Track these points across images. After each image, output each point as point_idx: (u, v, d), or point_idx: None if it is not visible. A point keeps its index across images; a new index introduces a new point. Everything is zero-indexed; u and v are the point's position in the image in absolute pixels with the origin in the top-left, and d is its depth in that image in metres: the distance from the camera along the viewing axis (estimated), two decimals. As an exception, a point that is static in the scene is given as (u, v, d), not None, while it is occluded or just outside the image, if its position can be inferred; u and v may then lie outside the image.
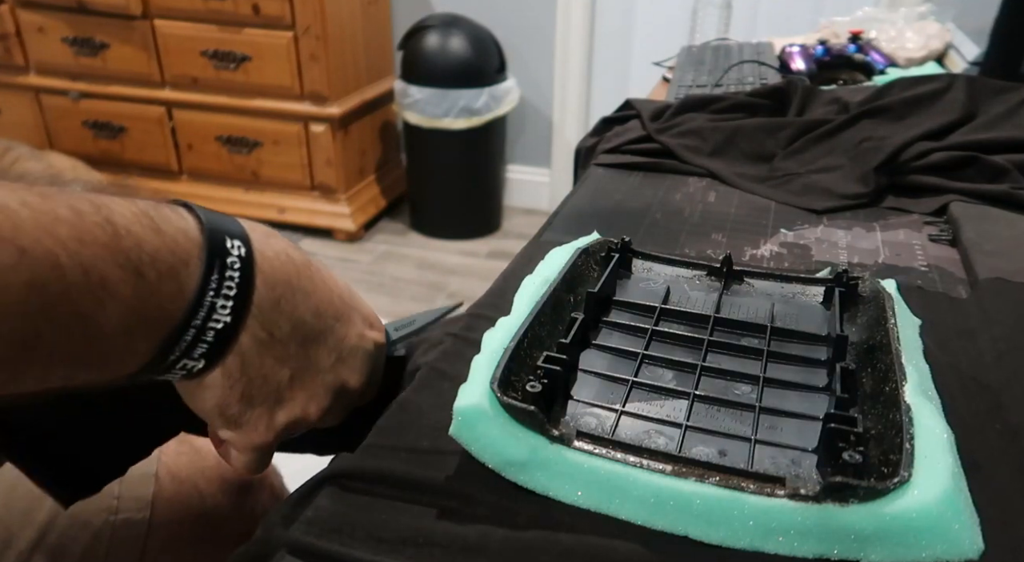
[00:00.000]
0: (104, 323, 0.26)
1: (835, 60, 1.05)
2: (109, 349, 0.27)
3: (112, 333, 0.27)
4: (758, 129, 0.74)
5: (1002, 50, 0.90)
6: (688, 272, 0.47)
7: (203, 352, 0.30)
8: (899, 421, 0.30)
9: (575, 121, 2.39)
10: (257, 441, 0.35)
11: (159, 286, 0.28)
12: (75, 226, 0.25)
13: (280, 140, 2.19)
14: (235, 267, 0.30)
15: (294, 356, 0.34)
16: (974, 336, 0.43)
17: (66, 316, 0.25)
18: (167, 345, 0.29)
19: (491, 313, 0.43)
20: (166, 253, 0.28)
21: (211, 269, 0.29)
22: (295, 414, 0.36)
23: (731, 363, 0.39)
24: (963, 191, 0.62)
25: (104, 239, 0.26)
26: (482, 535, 0.30)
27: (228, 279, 0.30)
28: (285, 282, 0.33)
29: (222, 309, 0.30)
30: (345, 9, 2.10)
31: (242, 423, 0.34)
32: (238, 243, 0.31)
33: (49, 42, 2.22)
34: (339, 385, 0.38)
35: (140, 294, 0.27)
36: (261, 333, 0.32)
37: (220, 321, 0.30)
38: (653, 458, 0.30)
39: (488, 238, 2.38)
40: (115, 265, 0.26)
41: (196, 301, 0.29)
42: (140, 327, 0.28)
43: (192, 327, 0.29)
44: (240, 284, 0.30)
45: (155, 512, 0.56)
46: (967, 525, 0.27)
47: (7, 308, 0.23)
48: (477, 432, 0.32)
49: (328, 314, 0.36)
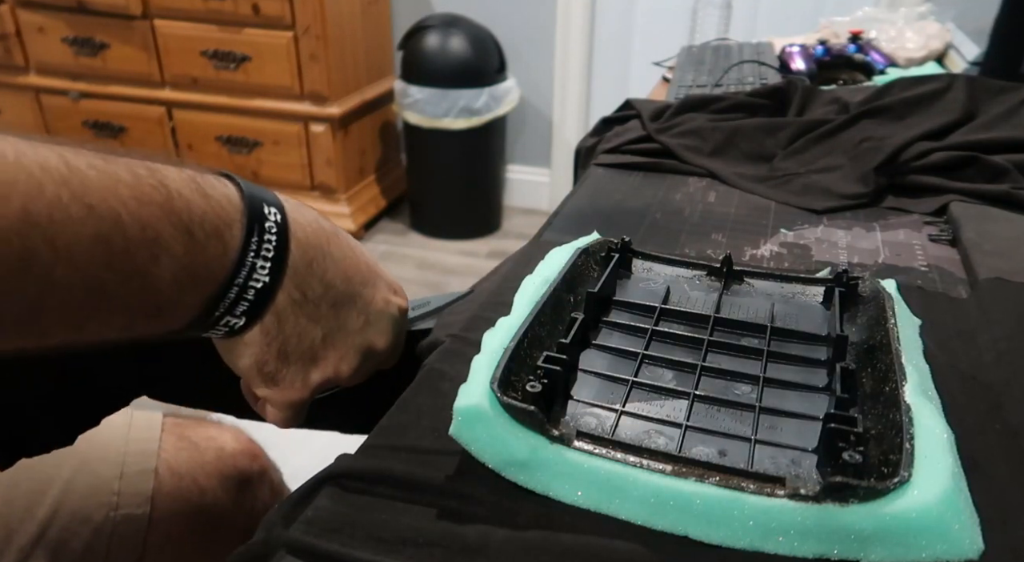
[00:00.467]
0: (158, 277, 0.28)
1: (835, 60, 1.05)
2: (163, 302, 0.30)
3: (165, 287, 0.29)
4: (758, 129, 0.74)
5: (1002, 50, 0.90)
6: (688, 272, 0.47)
7: (244, 310, 0.33)
8: (899, 421, 0.30)
9: (575, 121, 2.39)
10: (293, 398, 0.38)
11: (206, 245, 0.30)
12: (134, 187, 0.28)
13: (280, 140, 2.19)
14: (272, 231, 0.33)
15: (325, 317, 0.37)
16: (974, 336, 0.43)
17: (126, 268, 0.27)
18: (213, 301, 0.32)
19: (491, 313, 0.43)
20: (212, 216, 0.31)
21: (251, 232, 0.32)
22: (328, 373, 0.38)
23: (731, 363, 0.39)
24: (963, 191, 0.62)
25: (159, 200, 0.28)
26: (482, 535, 0.30)
27: (266, 242, 0.33)
28: (316, 247, 0.36)
29: (261, 269, 0.33)
30: (345, 9, 2.10)
31: (279, 380, 0.37)
32: (274, 210, 0.34)
33: (49, 42, 2.22)
34: (367, 346, 0.40)
35: (190, 251, 0.29)
36: (296, 293, 0.35)
37: (260, 280, 0.33)
38: (653, 458, 0.30)
39: (488, 238, 2.38)
40: (169, 224, 0.28)
41: (239, 261, 0.32)
42: (190, 282, 0.30)
43: (235, 285, 0.32)
44: (277, 246, 0.33)
45: (155, 507, 0.56)
46: (967, 525, 0.27)
47: (77, 258, 0.25)
48: (477, 432, 0.32)
49: (356, 279, 0.38)
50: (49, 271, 0.25)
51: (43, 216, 0.25)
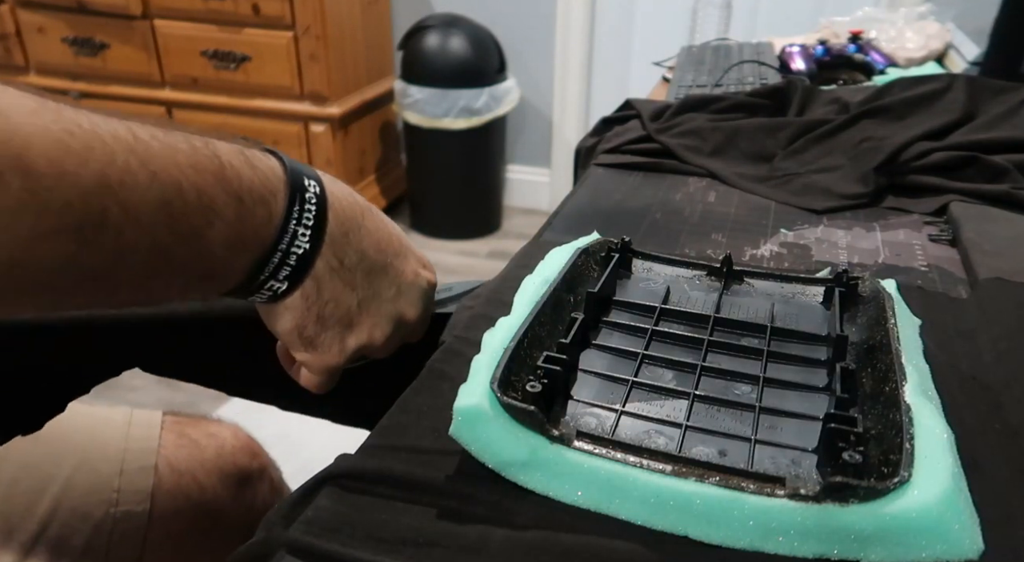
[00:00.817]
0: (212, 240, 0.31)
1: (835, 60, 1.05)
2: (216, 265, 0.32)
3: (219, 249, 0.31)
4: (758, 129, 0.74)
5: (1002, 50, 0.90)
6: (688, 272, 0.47)
7: (286, 275, 0.35)
8: (899, 421, 0.30)
9: (575, 121, 2.39)
10: (330, 362, 0.40)
11: (254, 211, 0.32)
12: (191, 156, 0.30)
13: (280, 140, 2.19)
14: (312, 201, 0.35)
15: (360, 285, 0.39)
16: (974, 336, 0.43)
17: (185, 231, 0.30)
18: (258, 266, 0.34)
19: (491, 313, 0.43)
20: (259, 185, 0.33)
21: (293, 201, 0.34)
22: (363, 339, 0.40)
23: (731, 363, 0.39)
24: (963, 191, 0.62)
25: (213, 169, 0.31)
26: (482, 535, 0.30)
27: (307, 211, 0.35)
28: (351, 218, 0.38)
29: (302, 236, 0.35)
30: (345, 9, 2.10)
31: (317, 344, 0.39)
32: (313, 182, 0.36)
33: (49, 42, 2.22)
34: (398, 315, 0.42)
35: (240, 217, 0.32)
36: (333, 261, 0.37)
37: (300, 247, 0.35)
38: (653, 458, 0.30)
39: (488, 238, 2.38)
40: (221, 191, 0.31)
41: (282, 227, 0.34)
42: (239, 246, 0.33)
43: (279, 250, 0.34)
44: (316, 215, 0.35)
45: (155, 504, 0.57)
46: (967, 525, 0.27)
47: (144, 220, 0.28)
48: (477, 432, 0.32)
49: (388, 251, 0.41)
50: (121, 231, 0.27)
51: (115, 181, 0.27)
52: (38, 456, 0.55)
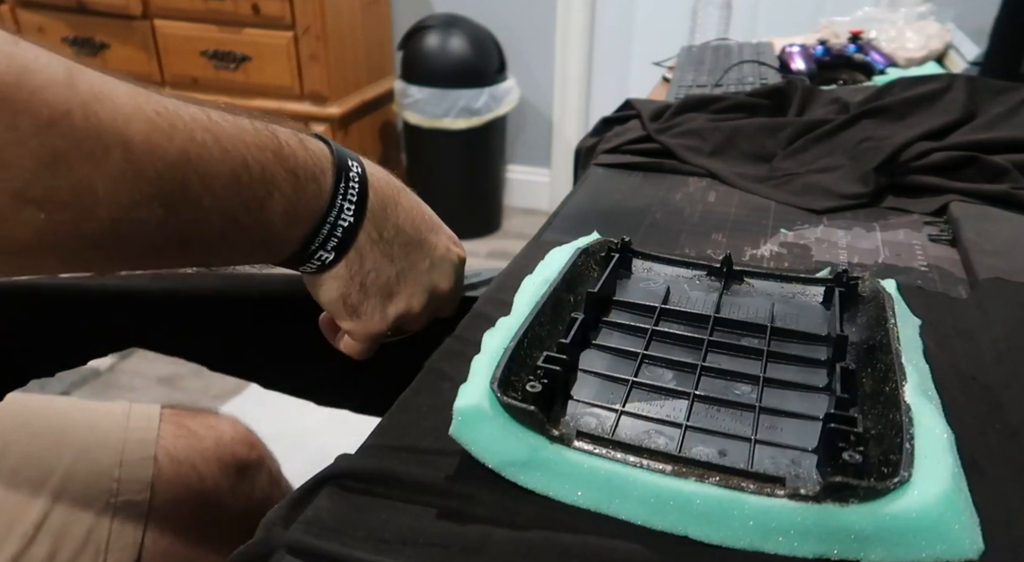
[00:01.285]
0: (273, 210, 0.35)
1: (835, 60, 1.05)
2: (274, 234, 0.36)
3: (278, 219, 0.35)
4: (758, 129, 0.74)
5: (1002, 50, 0.90)
6: (688, 272, 0.47)
7: (334, 245, 0.39)
8: (899, 421, 0.30)
9: (575, 121, 2.39)
10: (373, 329, 0.43)
11: (307, 186, 0.36)
12: (255, 136, 0.34)
13: (280, 140, 2.19)
14: (355, 180, 0.39)
15: (398, 256, 0.42)
16: (974, 336, 0.43)
17: (251, 202, 0.33)
18: (310, 237, 0.38)
19: (491, 313, 0.43)
20: (311, 163, 0.37)
21: (339, 178, 0.38)
22: (401, 307, 0.43)
23: (731, 363, 0.39)
24: (963, 191, 0.62)
25: (273, 147, 0.34)
26: (482, 535, 0.30)
27: (352, 188, 0.39)
28: (389, 196, 0.42)
29: (348, 210, 0.39)
30: (345, 9, 2.10)
31: (360, 312, 0.42)
32: (356, 163, 0.40)
33: (49, 42, 2.20)
34: (433, 286, 0.45)
35: (296, 190, 0.36)
36: (374, 233, 0.40)
37: (346, 220, 0.39)
38: (653, 458, 0.30)
39: (488, 238, 2.37)
40: (281, 167, 0.35)
41: (330, 202, 0.38)
42: (294, 217, 0.36)
43: (327, 222, 0.38)
44: (359, 192, 0.39)
45: (155, 494, 0.57)
46: (967, 525, 0.27)
47: (218, 191, 0.32)
48: (477, 432, 0.32)
49: (422, 227, 0.44)
50: (199, 200, 0.31)
51: (195, 155, 0.30)
52: (38, 448, 0.55)
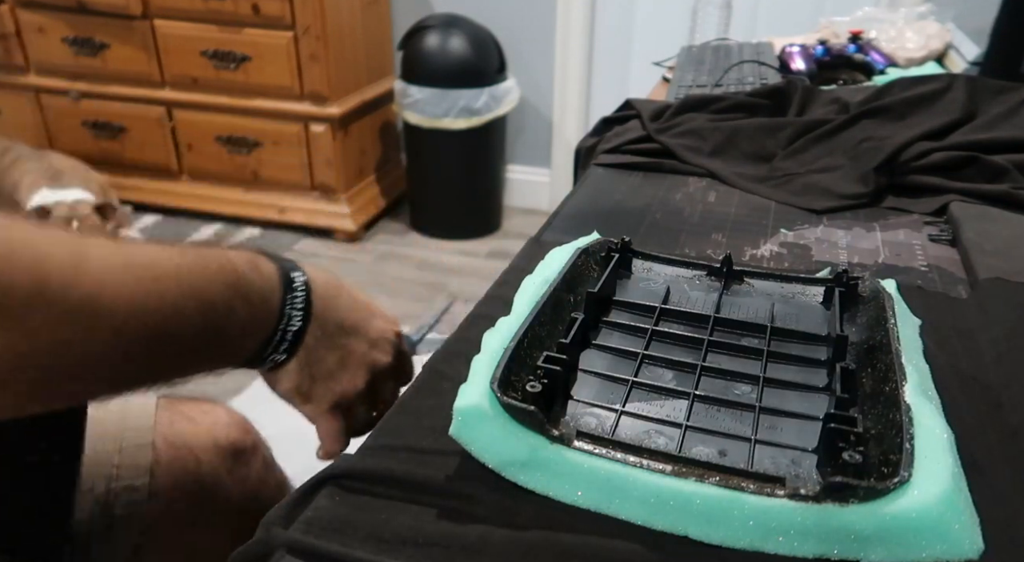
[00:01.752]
0: (231, 331, 0.42)
1: (835, 60, 1.05)
2: (233, 348, 0.44)
3: (236, 336, 0.43)
4: (758, 129, 0.74)
5: (1002, 50, 0.90)
6: (688, 272, 0.47)
7: (285, 348, 0.46)
8: (899, 421, 0.30)
9: (575, 121, 2.39)
10: (323, 408, 0.50)
11: (260, 307, 0.44)
12: (218, 272, 0.41)
13: (280, 140, 2.19)
14: (300, 290, 0.46)
15: (338, 346, 0.49)
16: (974, 336, 0.43)
17: (215, 327, 0.41)
18: (265, 344, 0.45)
19: (491, 313, 0.43)
20: (263, 286, 0.44)
21: (287, 292, 0.45)
22: (347, 386, 0.50)
23: (731, 363, 0.39)
24: (963, 191, 0.62)
25: (232, 281, 0.41)
26: (482, 535, 0.30)
27: (298, 298, 0.46)
28: (330, 296, 0.48)
29: (295, 317, 0.46)
30: (345, 9, 2.10)
31: (311, 397, 0.49)
32: (299, 274, 0.47)
33: (49, 42, 2.22)
34: (372, 363, 0.51)
35: (250, 312, 0.43)
36: (318, 332, 0.47)
37: (295, 325, 0.46)
38: (653, 458, 0.30)
39: (488, 238, 2.37)
40: (239, 297, 0.42)
41: (280, 313, 0.45)
42: (250, 333, 0.44)
43: (279, 331, 0.45)
44: (304, 300, 0.46)
45: (154, 479, 0.58)
46: (967, 525, 0.27)
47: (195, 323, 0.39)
48: (477, 432, 0.32)
49: (357, 318, 0.51)
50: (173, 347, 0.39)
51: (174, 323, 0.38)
52: None
